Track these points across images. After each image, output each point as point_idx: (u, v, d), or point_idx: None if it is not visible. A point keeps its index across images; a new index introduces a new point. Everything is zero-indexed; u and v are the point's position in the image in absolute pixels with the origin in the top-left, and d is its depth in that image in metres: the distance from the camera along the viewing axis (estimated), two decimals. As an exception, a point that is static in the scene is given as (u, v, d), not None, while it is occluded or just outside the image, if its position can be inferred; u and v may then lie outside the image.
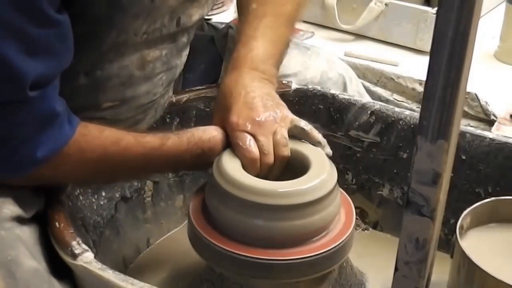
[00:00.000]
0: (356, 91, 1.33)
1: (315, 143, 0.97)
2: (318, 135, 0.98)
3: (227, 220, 0.92)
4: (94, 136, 0.92)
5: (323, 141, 0.98)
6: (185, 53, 1.14)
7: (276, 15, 1.09)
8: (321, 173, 0.92)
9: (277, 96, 1.01)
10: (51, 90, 0.87)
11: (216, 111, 1.01)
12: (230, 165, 0.93)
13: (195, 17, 1.08)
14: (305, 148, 0.96)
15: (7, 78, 0.82)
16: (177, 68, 1.13)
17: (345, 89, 1.31)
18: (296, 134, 0.97)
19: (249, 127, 0.94)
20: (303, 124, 0.98)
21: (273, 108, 0.97)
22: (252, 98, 0.97)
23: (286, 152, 0.94)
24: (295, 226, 0.90)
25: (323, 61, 1.31)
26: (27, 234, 0.89)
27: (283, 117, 0.96)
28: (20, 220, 0.89)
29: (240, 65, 1.03)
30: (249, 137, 0.94)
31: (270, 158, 0.94)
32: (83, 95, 0.99)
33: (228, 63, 1.07)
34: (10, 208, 0.89)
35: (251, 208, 0.89)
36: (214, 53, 1.28)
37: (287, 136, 0.95)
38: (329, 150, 0.98)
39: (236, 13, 1.16)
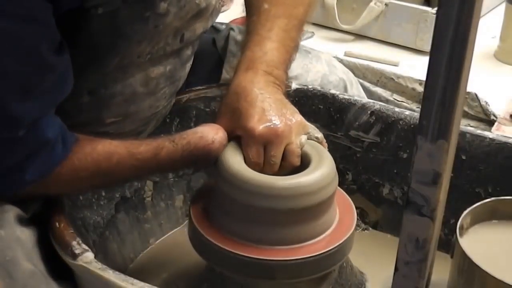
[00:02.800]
0: (357, 96, 1.33)
1: None
2: (325, 145, 0.98)
3: (226, 205, 0.92)
4: (87, 153, 0.91)
5: None
6: (189, 64, 1.14)
7: (289, 18, 1.07)
8: (321, 167, 0.92)
9: (289, 102, 0.99)
10: (44, 121, 0.87)
11: (225, 111, 0.98)
12: (234, 159, 0.93)
13: (199, 31, 1.08)
14: (307, 143, 0.96)
15: (4, 122, 0.83)
16: (181, 80, 1.13)
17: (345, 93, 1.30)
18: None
19: (266, 136, 0.92)
20: (316, 132, 0.97)
21: (289, 115, 0.95)
22: (269, 104, 0.95)
23: (297, 162, 0.94)
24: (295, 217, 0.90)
25: (324, 64, 1.31)
26: (27, 235, 0.89)
27: (298, 124, 0.95)
28: (21, 220, 0.90)
29: (255, 66, 1.00)
30: (261, 150, 0.93)
31: (275, 168, 0.93)
32: (86, 112, 0.99)
33: (238, 62, 1.03)
34: (10, 208, 0.89)
35: (253, 194, 0.89)
36: (216, 55, 1.28)
37: (300, 145, 0.95)
38: None
39: (244, 11, 1.12)
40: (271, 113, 0.94)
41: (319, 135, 0.98)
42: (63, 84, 0.88)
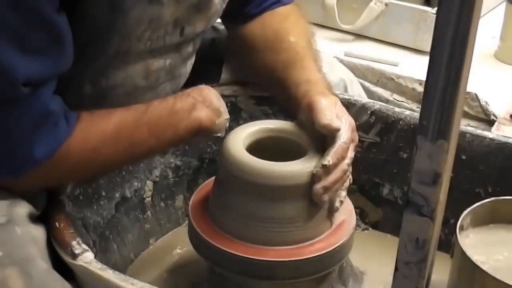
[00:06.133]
0: (357, 96, 1.33)
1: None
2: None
3: (227, 203, 0.92)
4: (88, 122, 0.91)
5: None
6: (191, 62, 1.14)
7: (308, 42, 1.14)
8: (317, 155, 0.92)
9: None
10: (45, 90, 0.87)
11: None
12: (234, 146, 0.93)
13: (199, 28, 1.08)
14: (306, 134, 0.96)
15: (1, 79, 0.82)
16: (182, 77, 1.13)
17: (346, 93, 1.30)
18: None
19: (349, 132, 0.95)
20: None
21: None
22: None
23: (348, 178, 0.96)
24: (292, 207, 0.90)
25: (324, 65, 1.31)
26: (40, 234, 0.89)
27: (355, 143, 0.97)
28: (33, 218, 0.90)
29: (325, 90, 1.02)
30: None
31: (346, 180, 0.95)
32: (88, 104, 0.99)
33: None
34: (23, 205, 0.89)
35: (252, 187, 0.90)
36: (216, 55, 1.28)
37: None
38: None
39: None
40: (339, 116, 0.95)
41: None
42: (60, 49, 0.87)
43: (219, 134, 0.98)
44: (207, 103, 0.95)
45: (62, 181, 0.96)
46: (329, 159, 0.90)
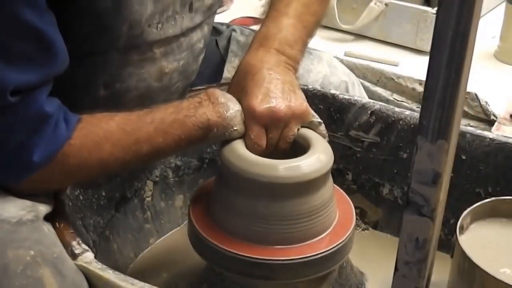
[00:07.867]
0: (358, 96, 1.33)
1: None
2: (326, 136, 0.98)
3: (228, 202, 0.92)
4: (88, 121, 0.89)
5: None
6: (201, 57, 1.14)
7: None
8: (318, 153, 0.92)
9: (298, 85, 0.98)
10: (38, 94, 0.85)
11: (233, 89, 0.97)
12: (235, 144, 0.93)
13: (208, 1, 1.06)
14: (307, 132, 0.96)
15: None
16: (193, 73, 1.13)
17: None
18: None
19: (265, 118, 0.92)
20: (319, 124, 0.97)
21: (294, 100, 0.94)
22: (275, 86, 0.94)
23: (286, 148, 0.94)
24: (293, 205, 0.90)
25: (325, 65, 1.31)
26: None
27: (301, 111, 0.94)
28: (47, 217, 0.89)
29: (267, 44, 0.99)
30: (262, 130, 0.93)
31: (270, 149, 0.94)
32: (103, 106, 0.97)
33: (253, 38, 1.02)
34: (43, 204, 0.89)
35: (253, 185, 0.89)
36: (218, 56, 1.28)
37: (296, 133, 0.94)
38: None
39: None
40: (276, 94, 0.93)
41: (322, 129, 0.97)
42: (49, 56, 0.85)
43: (236, 128, 0.93)
44: (213, 99, 0.93)
45: (68, 181, 0.94)
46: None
